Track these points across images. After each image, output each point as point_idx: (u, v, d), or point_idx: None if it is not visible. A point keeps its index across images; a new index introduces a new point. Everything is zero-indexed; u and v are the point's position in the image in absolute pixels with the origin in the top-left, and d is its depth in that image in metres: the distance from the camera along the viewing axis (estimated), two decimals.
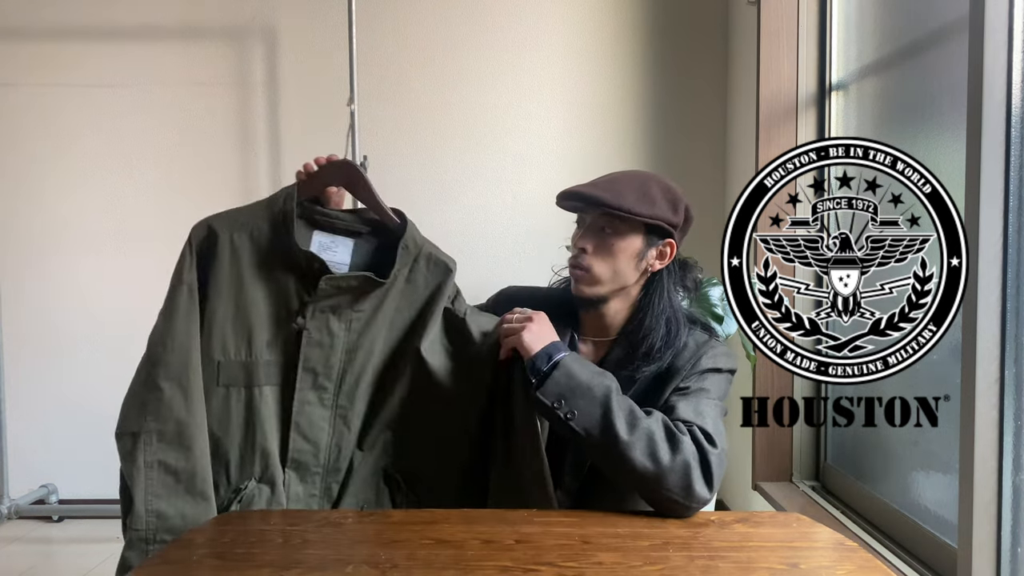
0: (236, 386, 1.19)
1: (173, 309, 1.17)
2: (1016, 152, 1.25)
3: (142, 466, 1.12)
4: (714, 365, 1.25)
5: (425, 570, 0.91)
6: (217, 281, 1.19)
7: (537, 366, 1.17)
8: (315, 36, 2.77)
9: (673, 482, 1.09)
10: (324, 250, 1.25)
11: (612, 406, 1.13)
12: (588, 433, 1.13)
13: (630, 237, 1.27)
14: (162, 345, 1.16)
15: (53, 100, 2.81)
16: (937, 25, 1.65)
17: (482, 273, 2.73)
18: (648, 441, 1.10)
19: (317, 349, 1.21)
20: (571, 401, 1.14)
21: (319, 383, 1.22)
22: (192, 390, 1.15)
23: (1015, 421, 1.26)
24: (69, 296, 2.85)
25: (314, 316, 1.20)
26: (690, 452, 1.10)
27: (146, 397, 1.15)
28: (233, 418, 1.19)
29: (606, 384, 1.16)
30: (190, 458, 1.14)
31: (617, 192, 1.25)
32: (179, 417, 1.14)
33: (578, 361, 1.19)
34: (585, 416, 1.13)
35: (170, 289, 1.19)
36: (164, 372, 1.15)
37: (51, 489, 2.88)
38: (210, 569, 0.93)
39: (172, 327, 1.16)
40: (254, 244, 1.21)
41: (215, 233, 1.21)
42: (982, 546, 1.27)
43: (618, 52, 2.78)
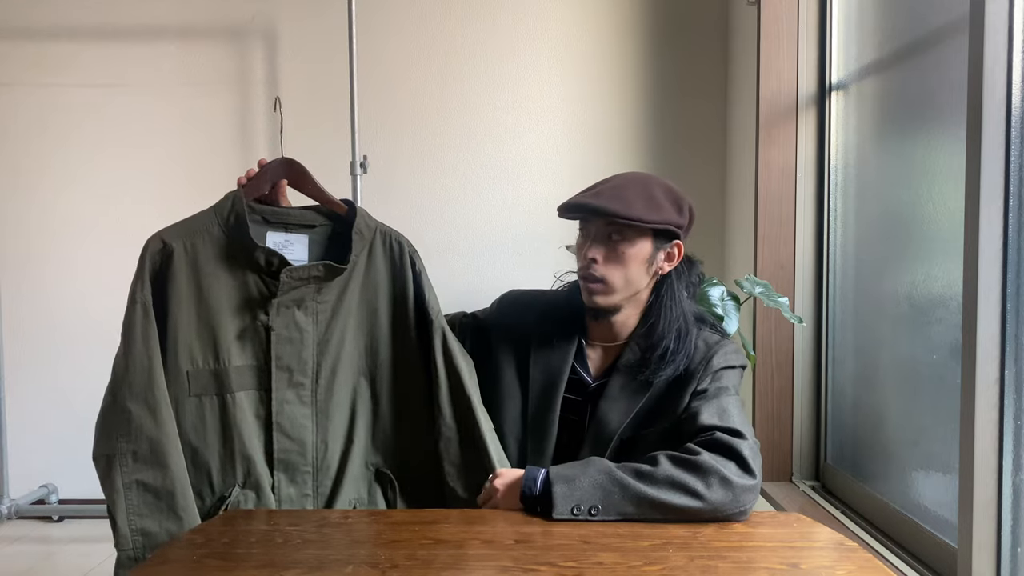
0: (208, 394, 1.20)
1: (130, 329, 1.18)
2: (1016, 152, 1.25)
3: (120, 488, 1.13)
4: (727, 363, 1.26)
5: (425, 570, 0.91)
6: (177, 292, 1.19)
7: (532, 494, 1.14)
8: (315, 36, 2.77)
9: (722, 501, 1.09)
10: (281, 249, 1.26)
11: (625, 481, 1.11)
12: (623, 514, 1.11)
13: (639, 243, 1.26)
14: (124, 366, 1.16)
15: (53, 100, 2.81)
16: (937, 25, 1.64)
17: (482, 274, 2.73)
18: (674, 485, 1.10)
19: (288, 345, 1.21)
20: (586, 501, 1.11)
21: (295, 380, 1.22)
22: (159, 407, 1.15)
23: (1015, 421, 1.26)
24: (69, 296, 2.85)
25: (279, 312, 1.20)
26: (713, 467, 1.11)
27: (115, 419, 1.15)
28: (209, 426, 1.19)
29: (600, 467, 1.14)
30: (167, 475, 1.14)
31: (624, 200, 1.23)
32: (150, 435, 1.14)
33: (559, 467, 1.16)
34: (609, 504, 1.11)
35: (126, 309, 1.19)
36: (128, 392, 1.15)
37: (51, 489, 2.88)
38: (210, 569, 0.93)
39: (131, 347, 1.17)
40: (209, 250, 1.21)
41: (168, 245, 1.21)
42: (982, 546, 1.27)
43: (618, 52, 2.77)
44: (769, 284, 1.96)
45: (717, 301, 1.85)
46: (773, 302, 1.90)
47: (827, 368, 2.19)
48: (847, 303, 2.09)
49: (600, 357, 1.32)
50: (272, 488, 1.21)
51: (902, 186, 1.78)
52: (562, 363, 1.30)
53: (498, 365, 1.32)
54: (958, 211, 1.35)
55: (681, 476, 1.10)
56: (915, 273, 1.70)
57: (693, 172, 2.75)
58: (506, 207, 2.80)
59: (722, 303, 1.85)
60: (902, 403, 1.79)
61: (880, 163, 1.91)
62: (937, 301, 1.60)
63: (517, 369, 1.32)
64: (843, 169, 2.12)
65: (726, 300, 1.86)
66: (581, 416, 1.29)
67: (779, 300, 1.91)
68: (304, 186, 1.30)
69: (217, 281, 1.21)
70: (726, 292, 1.88)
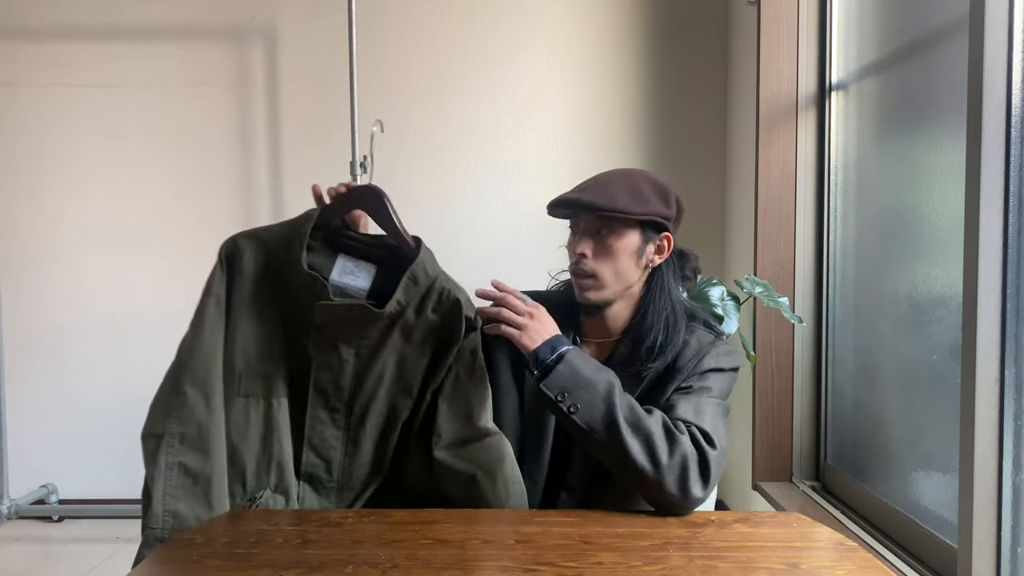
0: (255, 396, 1.23)
1: (201, 319, 1.21)
2: (1016, 152, 1.25)
3: (163, 467, 1.15)
4: (716, 365, 1.25)
5: (425, 570, 0.91)
6: (241, 295, 1.23)
7: (541, 358, 1.17)
8: (315, 36, 2.77)
9: (670, 482, 1.10)
10: (346, 274, 1.27)
11: (615, 402, 1.14)
12: (590, 428, 1.14)
13: (627, 235, 1.26)
14: (189, 352, 1.20)
15: (53, 100, 2.81)
16: (937, 25, 1.64)
17: (482, 274, 2.72)
18: (647, 440, 1.11)
19: (327, 372, 1.23)
20: (574, 395, 1.14)
21: (331, 404, 1.25)
22: (214, 396, 1.18)
23: (1015, 421, 1.26)
24: (69, 296, 2.85)
25: (321, 339, 1.22)
26: (688, 452, 1.11)
27: (171, 401, 1.18)
28: (252, 428, 1.22)
29: (609, 380, 1.16)
30: (208, 463, 1.16)
31: (609, 194, 1.24)
32: (200, 420, 1.17)
33: (581, 355, 1.19)
34: (587, 410, 1.14)
35: (200, 300, 1.22)
36: (189, 377, 1.18)
37: (51, 489, 2.88)
38: (210, 569, 0.93)
39: (199, 336, 1.20)
40: (274, 262, 1.24)
41: (240, 249, 1.24)
42: (982, 546, 1.27)
43: (618, 52, 2.78)
44: (769, 284, 1.96)
45: (717, 301, 1.85)
46: (773, 302, 1.90)
47: (827, 368, 2.19)
48: (847, 303, 2.08)
49: (595, 353, 1.33)
50: (299, 497, 1.24)
51: (902, 186, 1.78)
52: None
53: (495, 365, 1.33)
54: (958, 211, 1.35)
55: (659, 441, 1.11)
56: (915, 273, 1.70)
57: (693, 172, 2.75)
58: (506, 207, 2.80)
59: (722, 303, 1.85)
60: (902, 403, 1.79)
61: (880, 163, 1.91)
62: (937, 301, 1.60)
63: (513, 369, 1.33)
64: (843, 169, 2.12)
65: (726, 300, 1.86)
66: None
67: (779, 300, 1.91)
68: (381, 219, 1.27)
69: (276, 294, 1.24)
70: (726, 292, 1.88)
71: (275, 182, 2.82)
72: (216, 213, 2.82)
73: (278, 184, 2.82)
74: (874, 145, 1.95)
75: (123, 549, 2.59)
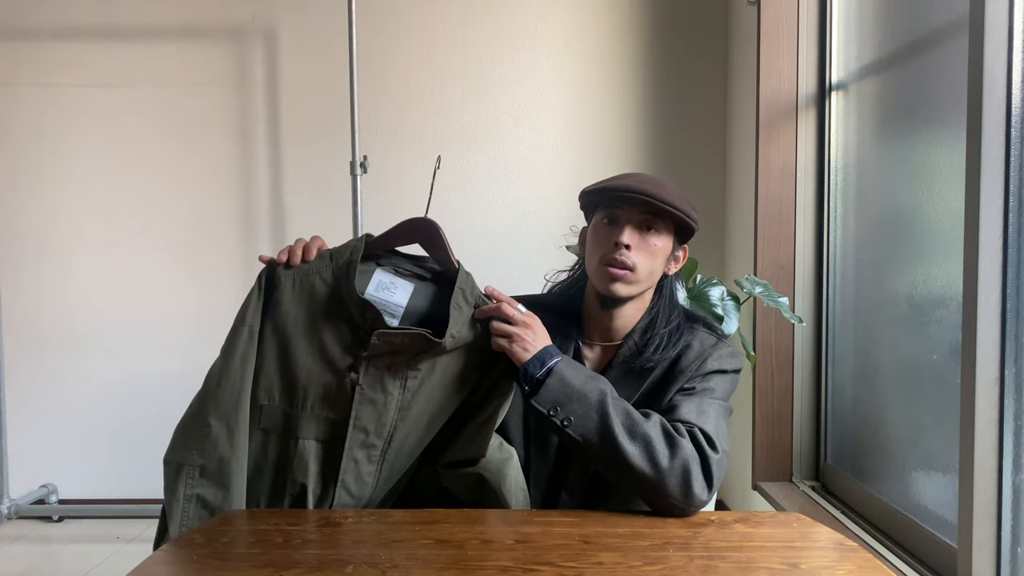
0: (275, 432, 1.19)
1: (232, 348, 1.17)
2: (1016, 152, 1.25)
3: (181, 498, 1.14)
4: (720, 367, 1.25)
5: (425, 570, 0.91)
6: (275, 326, 1.19)
7: (530, 373, 1.15)
8: (315, 36, 2.77)
9: (672, 485, 1.09)
10: (383, 289, 1.22)
11: (608, 411, 1.12)
12: (585, 439, 1.12)
13: (666, 238, 1.25)
14: (216, 382, 1.16)
15: (53, 100, 2.81)
16: (937, 25, 1.64)
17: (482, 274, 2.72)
18: (646, 445, 1.10)
19: (370, 407, 1.18)
20: (567, 408, 1.13)
21: (369, 441, 1.19)
22: (238, 430, 1.16)
23: (1015, 421, 1.26)
24: (69, 295, 2.85)
25: (368, 372, 1.17)
26: (689, 455, 1.10)
27: (194, 431, 1.16)
28: (268, 462, 1.20)
29: (600, 388, 1.15)
30: (227, 497, 1.15)
31: (667, 191, 1.22)
32: (222, 455, 1.14)
33: (571, 366, 1.17)
34: (581, 422, 1.12)
35: (233, 327, 1.18)
36: (214, 408, 1.15)
37: (51, 489, 2.88)
38: (210, 569, 0.93)
39: (229, 366, 1.17)
40: (315, 292, 1.19)
41: (279, 277, 1.20)
42: (982, 546, 1.27)
43: (618, 52, 2.78)
44: (769, 284, 1.96)
45: (717, 301, 1.85)
46: (773, 302, 1.90)
47: (827, 368, 2.19)
48: (847, 303, 2.08)
49: (598, 357, 1.32)
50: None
51: (902, 186, 1.78)
52: None
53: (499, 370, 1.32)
54: (958, 211, 1.35)
55: (658, 445, 1.10)
56: (915, 273, 1.70)
57: (693, 172, 2.75)
58: (506, 207, 2.80)
59: (722, 303, 1.85)
60: (902, 403, 1.78)
61: (880, 163, 1.91)
62: (937, 301, 1.60)
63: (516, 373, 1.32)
64: (843, 169, 2.12)
65: (726, 300, 1.86)
66: None
67: (779, 300, 1.91)
68: (435, 251, 1.25)
69: (315, 325, 1.19)
70: (726, 292, 1.88)
71: (275, 182, 2.82)
72: (216, 213, 2.82)
73: (278, 184, 2.82)
74: (874, 145, 1.95)
75: (123, 549, 2.59)
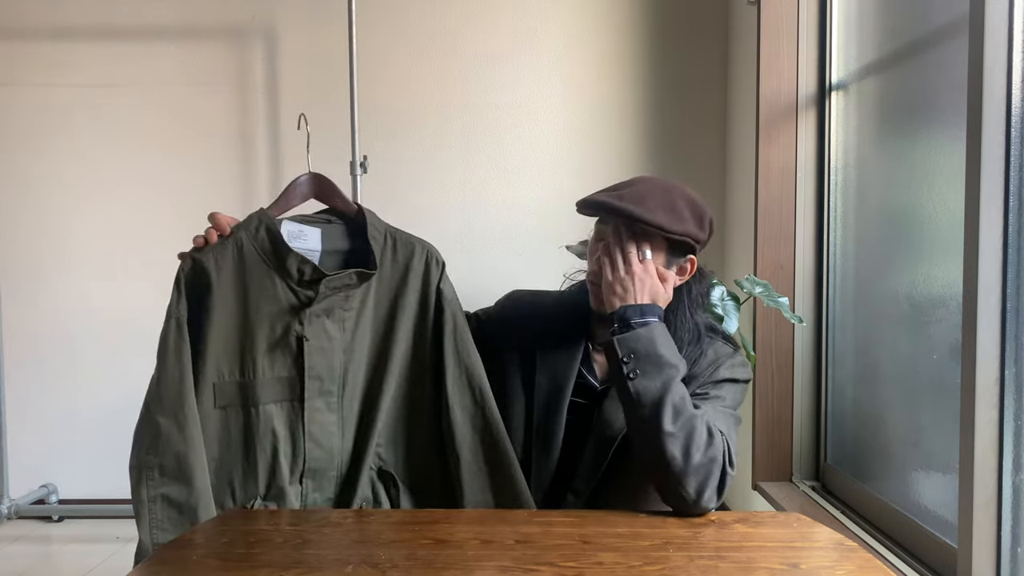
0: (233, 407, 1.21)
1: (164, 344, 1.19)
2: (1016, 152, 1.25)
3: (146, 500, 1.14)
4: (732, 376, 1.25)
5: (425, 570, 0.91)
6: (207, 306, 1.20)
7: (627, 317, 1.16)
8: (315, 36, 2.77)
9: (693, 480, 1.09)
10: (294, 238, 1.26)
11: (672, 387, 1.12)
12: (639, 399, 1.12)
13: (654, 253, 1.23)
14: (156, 381, 1.17)
15: (53, 100, 2.81)
16: (937, 25, 1.64)
17: (482, 274, 2.73)
18: (688, 433, 1.10)
19: (320, 355, 1.22)
20: (640, 362, 1.13)
21: (325, 388, 1.23)
22: (187, 423, 1.16)
23: (1015, 421, 1.26)
24: (69, 295, 2.85)
25: (311, 322, 1.21)
26: (717, 457, 1.11)
27: (145, 432, 1.16)
28: (233, 438, 1.21)
29: (677, 366, 1.15)
30: (192, 492, 1.15)
31: (648, 206, 1.19)
32: (177, 450, 1.15)
33: (665, 334, 1.18)
34: (645, 382, 1.13)
35: (163, 325, 1.20)
36: (158, 407, 1.16)
37: (51, 489, 2.88)
38: (210, 569, 0.93)
39: (164, 362, 1.18)
40: (238, 263, 1.21)
41: (199, 261, 1.22)
42: (982, 546, 1.27)
43: (618, 52, 2.77)
44: (769, 284, 1.95)
45: (717, 301, 1.85)
46: (773, 302, 1.90)
47: (827, 368, 2.19)
48: (847, 303, 2.08)
49: (606, 363, 1.31)
50: (301, 496, 1.22)
51: (902, 186, 1.78)
52: (568, 369, 1.28)
53: (503, 368, 1.31)
54: (958, 211, 1.35)
55: (698, 438, 1.10)
56: (915, 273, 1.70)
57: (693, 172, 2.75)
58: (506, 207, 2.80)
59: (722, 303, 1.85)
60: (902, 403, 1.78)
61: (880, 163, 1.91)
62: (937, 301, 1.60)
63: (522, 373, 1.31)
64: (843, 169, 2.12)
65: (726, 300, 1.86)
66: (587, 419, 1.28)
67: (779, 300, 1.91)
68: (332, 200, 1.30)
69: (246, 294, 1.21)
70: (726, 292, 1.88)
71: (275, 182, 2.82)
72: None
73: (278, 184, 2.82)
74: (874, 145, 1.95)
75: (123, 549, 2.58)
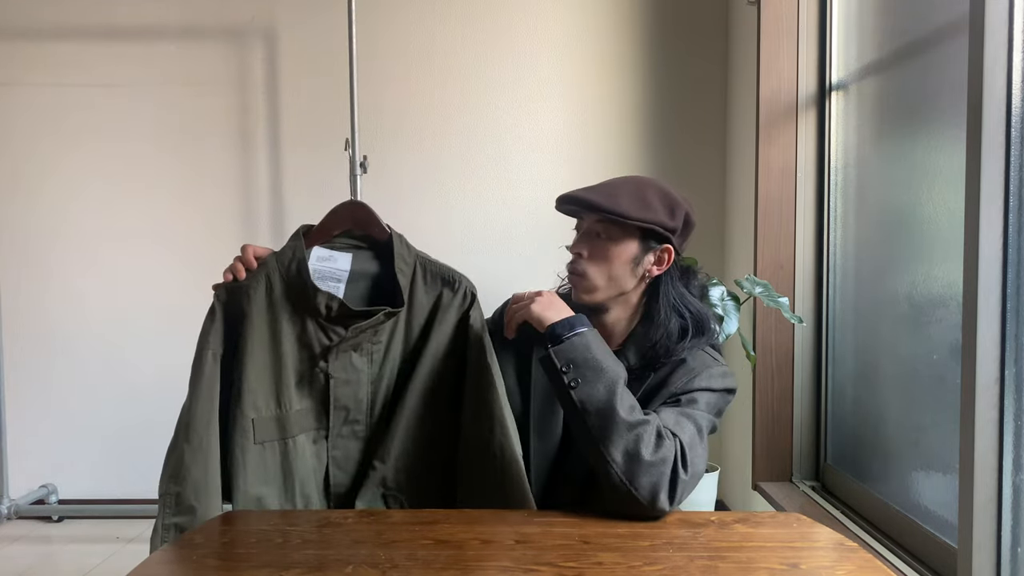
0: (270, 440, 1.23)
1: (198, 375, 1.21)
2: (1016, 152, 1.25)
3: (159, 528, 1.17)
4: (707, 385, 1.24)
5: (425, 570, 0.91)
6: (243, 339, 1.22)
7: (557, 332, 1.18)
8: (315, 36, 2.77)
9: (645, 481, 1.08)
10: (322, 261, 1.28)
11: (617, 391, 1.13)
12: (584, 407, 1.13)
13: (625, 242, 1.26)
14: (187, 409, 1.20)
15: (53, 100, 2.81)
16: (937, 25, 1.64)
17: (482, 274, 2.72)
18: (636, 437, 1.10)
19: (345, 387, 1.25)
20: (580, 370, 1.15)
21: (351, 418, 1.27)
22: (210, 456, 1.18)
23: (1015, 421, 1.26)
24: (69, 295, 2.85)
25: (337, 358, 1.24)
26: (669, 458, 1.10)
27: (171, 459, 1.19)
28: (270, 472, 1.23)
29: (617, 371, 1.17)
30: (194, 522, 1.16)
31: (613, 197, 1.25)
32: (196, 481, 1.17)
33: (598, 340, 1.20)
34: (588, 389, 1.14)
35: (196, 355, 1.22)
36: (185, 435, 1.18)
37: (51, 489, 2.88)
38: (210, 569, 0.93)
39: (196, 392, 1.20)
40: (272, 298, 1.23)
41: (234, 294, 1.23)
42: (982, 546, 1.27)
43: (618, 52, 2.77)
44: (769, 284, 1.96)
45: (717, 301, 1.85)
46: (773, 302, 1.90)
47: (827, 368, 2.19)
48: (847, 303, 2.08)
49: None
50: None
51: (902, 186, 1.78)
52: None
53: (503, 365, 1.32)
54: (958, 211, 1.35)
55: (646, 440, 1.09)
56: (915, 273, 1.70)
57: (693, 172, 2.75)
58: (506, 207, 2.80)
59: (722, 303, 1.85)
60: (902, 403, 1.78)
61: (880, 163, 1.91)
62: (937, 301, 1.60)
63: (518, 372, 1.33)
64: (843, 169, 2.12)
65: (726, 300, 1.86)
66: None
67: (779, 300, 1.91)
68: (370, 228, 1.30)
69: (278, 327, 1.23)
70: (726, 292, 1.88)
71: (275, 182, 2.82)
72: (216, 213, 2.81)
73: (278, 184, 2.82)
74: (874, 145, 1.95)
75: (123, 549, 2.59)
